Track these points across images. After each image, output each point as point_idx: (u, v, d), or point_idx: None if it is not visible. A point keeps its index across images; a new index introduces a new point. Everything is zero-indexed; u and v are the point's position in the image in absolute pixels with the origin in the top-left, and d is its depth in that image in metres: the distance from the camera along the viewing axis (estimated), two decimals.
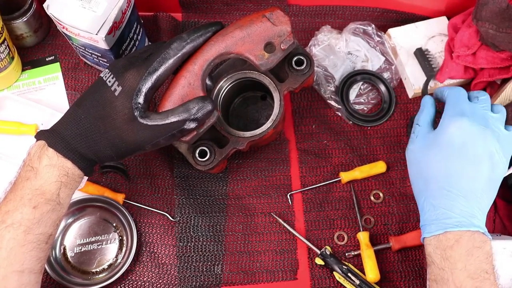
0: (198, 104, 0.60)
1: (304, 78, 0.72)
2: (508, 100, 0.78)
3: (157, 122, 0.60)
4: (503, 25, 0.76)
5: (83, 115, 0.61)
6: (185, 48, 0.63)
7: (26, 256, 0.58)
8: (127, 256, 0.77)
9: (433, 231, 0.59)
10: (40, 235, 0.59)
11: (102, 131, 0.60)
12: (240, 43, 0.64)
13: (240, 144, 0.72)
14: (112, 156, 0.62)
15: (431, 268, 0.59)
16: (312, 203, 0.82)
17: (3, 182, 0.81)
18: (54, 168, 0.59)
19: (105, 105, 0.60)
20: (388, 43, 0.88)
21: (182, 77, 0.63)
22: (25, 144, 0.81)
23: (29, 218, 0.58)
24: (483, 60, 0.81)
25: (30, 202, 0.58)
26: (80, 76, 0.88)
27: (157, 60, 0.61)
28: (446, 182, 0.60)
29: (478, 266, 0.56)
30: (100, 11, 0.71)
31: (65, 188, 0.60)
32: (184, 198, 0.81)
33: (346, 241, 0.80)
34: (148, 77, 0.60)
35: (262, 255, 0.79)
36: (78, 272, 0.77)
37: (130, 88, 0.60)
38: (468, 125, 0.60)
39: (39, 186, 0.59)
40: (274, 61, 0.65)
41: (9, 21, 0.81)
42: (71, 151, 0.60)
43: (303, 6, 0.92)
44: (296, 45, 0.66)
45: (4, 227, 0.58)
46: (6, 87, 0.86)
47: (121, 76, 0.60)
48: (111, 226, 0.79)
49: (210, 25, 0.65)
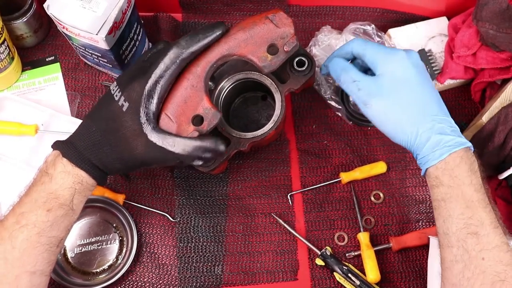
0: (211, 147, 0.62)
1: (306, 79, 0.72)
2: (508, 101, 0.78)
3: (166, 147, 0.61)
4: (503, 25, 0.76)
5: (94, 127, 0.62)
6: (184, 55, 0.62)
7: (38, 258, 0.59)
8: (127, 257, 0.76)
9: (439, 156, 0.60)
10: (52, 238, 0.60)
11: (113, 144, 0.61)
12: (243, 45, 0.64)
13: (242, 145, 0.72)
14: (120, 169, 0.64)
15: (439, 189, 0.61)
16: (313, 204, 0.82)
17: (3, 182, 0.81)
18: (68, 175, 0.60)
19: (114, 119, 0.61)
20: (388, 43, 0.88)
21: (185, 79, 0.63)
22: (25, 144, 0.81)
23: (43, 220, 0.59)
24: (483, 60, 0.81)
25: (45, 205, 0.59)
26: (80, 77, 0.87)
27: (158, 74, 0.61)
28: (428, 110, 0.63)
29: (479, 180, 0.60)
30: (100, 11, 0.71)
31: (79, 195, 0.61)
32: (184, 199, 0.81)
33: (346, 242, 0.80)
34: (148, 93, 0.60)
35: (262, 255, 0.79)
36: (78, 273, 0.77)
37: (136, 104, 0.60)
38: (406, 55, 0.64)
39: (53, 190, 0.60)
40: (277, 63, 0.65)
41: (9, 21, 0.81)
42: (84, 162, 0.61)
43: (304, 7, 0.92)
44: (298, 46, 0.66)
45: (18, 227, 0.58)
46: (6, 87, 0.86)
47: (126, 91, 0.61)
48: (112, 226, 0.79)
49: (211, 28, 0.63)
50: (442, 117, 0.63)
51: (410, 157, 0.85)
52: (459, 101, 0.88)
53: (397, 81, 0.64)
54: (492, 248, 0.56)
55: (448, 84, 0.86)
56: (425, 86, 0.64)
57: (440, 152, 0.60)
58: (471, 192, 0.59)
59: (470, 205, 0.58)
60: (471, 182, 0.59)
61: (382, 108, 0.64)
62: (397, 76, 0.64)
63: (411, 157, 0.85)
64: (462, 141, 0.61)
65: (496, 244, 0.56)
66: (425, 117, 0.62)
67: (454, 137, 0.61)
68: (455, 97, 0.88)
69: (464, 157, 0.60)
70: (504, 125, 0.76)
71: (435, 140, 0.61)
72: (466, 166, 0.60)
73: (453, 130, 0.62)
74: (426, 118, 0.62)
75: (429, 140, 0.61)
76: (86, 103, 0.86)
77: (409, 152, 0.85)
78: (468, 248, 0.57)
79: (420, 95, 0.63)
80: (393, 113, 0.64)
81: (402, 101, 0.63)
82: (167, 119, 0.62)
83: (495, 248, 0.56)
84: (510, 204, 0.79)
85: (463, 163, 0.60)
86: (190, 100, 0.62)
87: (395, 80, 0.64)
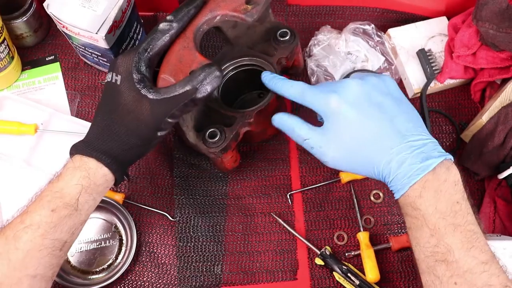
0: (204, 70, 0.60)
1: (291, 48, 0.74)
2: (508, 100, 0.78)
3: (166, 95, 0.60)
4: (503, 25, 0.76)
5: (99, 116, 0.62)
6: (173, 28, 0.64)
7: (40, 261, 0.57)
8: (126, 256, 0.76)
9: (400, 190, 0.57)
10: (55, 241, 0.58)
11: (119, 120, 0.60)
12: (222, 5, 0.67)
13: (248, 117, 0.72)
14: (138, 143, 0.62)
15: (406, 218, 0.59)
16: (312, 203, 0.82)
17: (2, 181, 0.81)
18: (76, 170, 0.59)
19: (113, 97, 0.61)
20: (388, 43, 0.88)
21: (176, 44, 0.65)
22: (24, 144, 0.81)
23: (46, 221, 0.57)
24: (483, 60, 0.81)
25: (49, 204, 0.58)
26: (80, 76, 0.88)
27: (146, 42, 0.62)
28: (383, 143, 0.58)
29: (448, 202, 0.56)
30: (100, 10, 0.72)
31: (85, 193, 0.59)
32: (184, 198, 0.80)
33: (346, 241, 0.80)
34: (139, 56, 0.61)
35: (262, 255, 0.79)
36: (78, 272, 0.77)
37: (127, 72, 0.60)
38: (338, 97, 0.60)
39: (59, 188, 0.59)
40: (258, 10, 0.67)
41: (9, 20, 0.81)
42: (93, 149, 0.60)
43: (303, 6, 0.92)
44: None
45: (23, 227, 0.57)
46: (6, 87, 0.86)
47: (115, 67, 0.61)
48: (111, 226, 0.79)
49: (192, 0, 0.66)
50: (400, 145, 0.57)
51: None
52: (459, 100, 0.88)
53: (341, 128, 0.60)
54: (463, 272, 0.54)
55: (448, 83, 0.86)
56: (372, 119, 0.59)
57: (401, 185, 0.57)
58: (435, 220, 0.55)
59: (435, 233, 0.55)
60: (436, 209, 0.55)
61: (339, 161, 0.61)
62: (340, 122, 0.60)
63: None
64: (427, 165, 0.56)
65: (468, 268, 0.54)
66: (382, 152, 0.58)
67: (416, 163, 0.56)
68: (455, 97, 0.89)
69: (428, 182, 0.56)
70: (504, 125, 0.76)
71: (395, 174, 0.57)
72: (430, 193, 0.56)
73: (416, 154, 0.57)
74: (383, 153, 0.58)
75: (390, 175, 0.58)
76: (86, 102, 0.86)
77: None
78: (439, 275, 0.55)
79: (369, 133, 0.59)
80: (351, 162, 0.61)
81: (353, 147, 0.59)
82: (166, 80, 0.63)
83: (466, 272, 0.54)
84: (510, 204, 0.79)
85: (425, 191, 0.56)
86: (184, 59, 0.64)
87: (339, 127, 0.60)
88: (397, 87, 0.63)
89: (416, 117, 0.61)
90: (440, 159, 0.57)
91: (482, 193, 0.83)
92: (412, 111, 0.62)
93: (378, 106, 0.60)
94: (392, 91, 0.62)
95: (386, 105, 0.60)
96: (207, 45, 0.89)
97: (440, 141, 0.86)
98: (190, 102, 0.61)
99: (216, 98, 0.73)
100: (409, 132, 0.58)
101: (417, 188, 0.56)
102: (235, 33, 0.75)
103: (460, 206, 0.56)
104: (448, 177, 0.56)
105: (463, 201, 0.56)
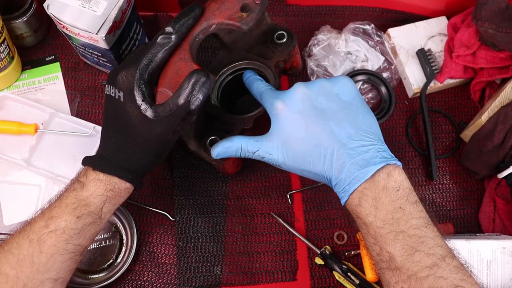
0: (190, 80, 0.60)
1: (289, 50, 0.74)
2: (508, 100, 0.78)
3: (164, 114, 0.60)
4: (502, 25, 0.76)
5: (111, 133, 0.63)
6: (172, 41, 0.63)
7: (62, 265, 0.59)
8: (127, 256, 0.77)
9: (343, 199, 0.58)
10: (77, 246, 0.60)
11: (132, 141, 0.62)
12: (217, 13, 0.67)
13: (247, 123, 0.72)
14: (152, 161, 0.64)
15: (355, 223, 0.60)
16: (312, 203, 0.82)
17: (2, 181, 0.81)
18: (101, 183, 0.61)
19: (120, 115, 0.61)
20: (387, 43, 0.88)
21: (173, 56, 0.65)
22: (25, 144, 0.81)
23: (72, 227, 0.59)
24: (482, 59, 0.81)
25: (75, 211, 0.59)
26: (80, 76, 0.88)
27: (146, 57, 0.62)
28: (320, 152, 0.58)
29: (388, 209, 0.55)
30: (100, 10, 0.72)
31: (109, 203, 0.61)
32: (184, 198, 0.81)
33: (346, 241, 0.80)
34: (140, 72, 0.61)
35: (261, 255, 0.79)
36: (78, 272, 0.77)
37: (129, 89, 0.60)
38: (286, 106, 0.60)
39: (84, 197, 0.60)
40: (253, 17, 0.67)
41: (9, 21, 0.81)
42: (115, 168, 0.61)
43: (303, 6, 0.92)
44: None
45: (47, 232, 0.58)
46: (6, 87, 0.86)
47: (116, 82, 0.61)
48: (111, 225, 0.79)
49: (189, 11, 0.65)
50: (339, 151, 0.57)
51: (409, 156, 0.85)
52: (459, 100, 0.89)
53: (283, 132, 0.60)
54: (407, 278, 0.53)
55: (447, 83, 0.86)
56: (313, 125, 0.59)
57: (343, 193, 0.58)
58: (375, 228, 0.55)
59: (377, 241, 0.56)
60: (375, 217, 0.55)
61: (289, 166, 0.61)
62: (282, 126, 0.60)
63: (409, 156, 0.85)
64: (364, 172, 0.55)
65: (411, 273, 0.53)
66: (322, 158, 0.58)
67: (355, 171, 0.56)
68: (454, 97, 0.89)
69: (366, 190, 0.56)
70: (504, 124, 0.76)
71: (336, 181, 0.58)
72: (368, 201, 0.55)
73: (355, 161, 0.56)
74: (323, 159, 0.58)
75: (332, 181, 0.58)
76: (86, 102, 0.86)
77: (409, 152, 0.86)
78: (388, 281, 0.55)
79: (310, 138, 0.59)
80: (299, 167, 0.61)
81: (296, 153, 0.60)
82: (164, 94, 0.63)
83: (411, 277, 0.53)
84: (509, 203, 0.79)
85: (364, 200, 0.56)
86: (181, 71, 0.64)
87: (282, 131, 0.61)
88: (351, 88, 0.62)
89: (364, 121, 0.60)
90: (380, 165, 0.56)
91: (482, 192, 0.83)
92: (362, 115, 0.60)
93: (322, 111, 0.59)
94: (343, 94, 0.61)
95: (330, 110, 0.59)
96: (206, 46, 0.89)
97: (439, 141, 0.86)
98: (187, 116, 0.61)
99: (215, 105, 0.73)
100: (350, 138, 0.58)
101: (355, 197, 0.56)
102: (232, 38, 0.75)
103: (403, 212, 0.55)
104: (387, 183, 0.56)
105: (408, 206, 0.55)
